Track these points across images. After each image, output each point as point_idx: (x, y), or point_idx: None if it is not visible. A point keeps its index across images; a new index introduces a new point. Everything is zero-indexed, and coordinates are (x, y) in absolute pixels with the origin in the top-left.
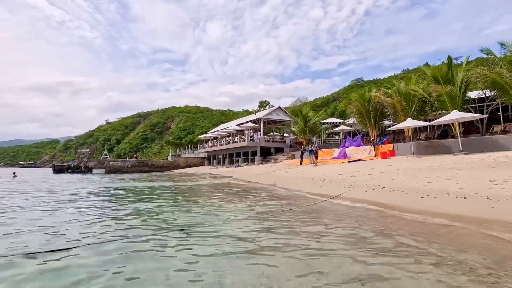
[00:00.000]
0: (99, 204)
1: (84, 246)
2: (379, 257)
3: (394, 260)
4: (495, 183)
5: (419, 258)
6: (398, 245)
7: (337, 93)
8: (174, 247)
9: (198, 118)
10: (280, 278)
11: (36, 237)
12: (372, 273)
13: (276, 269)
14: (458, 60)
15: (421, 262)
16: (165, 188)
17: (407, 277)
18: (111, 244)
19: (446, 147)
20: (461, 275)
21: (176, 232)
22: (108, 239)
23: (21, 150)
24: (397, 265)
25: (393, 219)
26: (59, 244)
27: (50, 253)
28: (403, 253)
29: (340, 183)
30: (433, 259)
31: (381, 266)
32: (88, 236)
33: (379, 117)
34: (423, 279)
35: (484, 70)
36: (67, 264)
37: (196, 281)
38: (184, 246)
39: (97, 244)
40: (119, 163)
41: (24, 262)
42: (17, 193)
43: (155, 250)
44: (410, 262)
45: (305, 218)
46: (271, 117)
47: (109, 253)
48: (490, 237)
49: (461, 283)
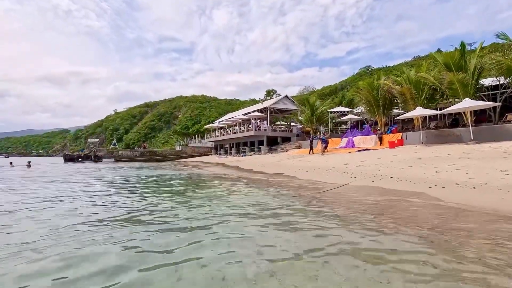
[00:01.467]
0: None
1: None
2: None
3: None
4: (506, 173)
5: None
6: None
7: (345, 82)
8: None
9: (205, 107)
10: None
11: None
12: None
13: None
14: (471, 46)
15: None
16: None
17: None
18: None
19: (457, 136)
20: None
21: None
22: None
23: (32, 140)
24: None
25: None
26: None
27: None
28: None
29: (346, 173)
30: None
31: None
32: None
33: (388, 105)
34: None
35: (498, 56)
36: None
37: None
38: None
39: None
40: (128, 153)
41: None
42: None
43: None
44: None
45: (309, 207)
46: (278, 106)
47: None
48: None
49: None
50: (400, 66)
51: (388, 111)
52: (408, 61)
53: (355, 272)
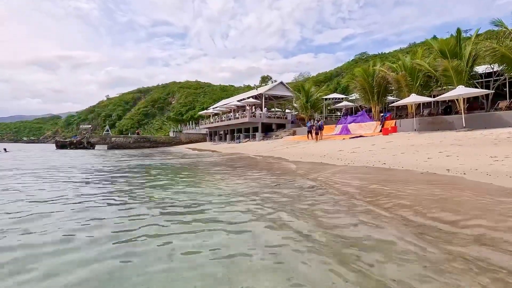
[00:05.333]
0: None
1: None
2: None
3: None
4: (496, 160)
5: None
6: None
7: (341, 68)
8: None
9: (199, 93)
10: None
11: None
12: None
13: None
14: (467, 33)
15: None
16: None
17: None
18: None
19: (449, 123)
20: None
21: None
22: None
23: (23, 126)
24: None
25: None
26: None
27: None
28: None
29: (340, 159)
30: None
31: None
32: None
33: (383, 92)
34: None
35: (493, 44)
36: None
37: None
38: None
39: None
40: (121, 139)
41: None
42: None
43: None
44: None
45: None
46: (273, 93)
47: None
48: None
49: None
50: (396, 52)
51: (383, 98)
52: (404, 48)
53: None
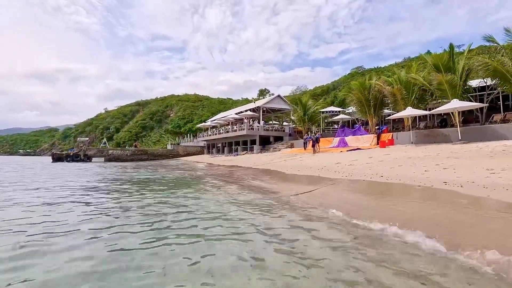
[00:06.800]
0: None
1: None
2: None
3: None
4: (492, 172)
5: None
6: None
7: (337, 82)
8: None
9: (197, 106)
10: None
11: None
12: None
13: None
14: (460, 48)
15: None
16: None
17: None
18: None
19: (445, 136)
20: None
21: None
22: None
23: (20, 139)
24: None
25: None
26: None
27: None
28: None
29: (338, 172)
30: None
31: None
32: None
33: (379, 105)
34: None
35: (485, 58)
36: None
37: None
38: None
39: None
40: (119, 152)
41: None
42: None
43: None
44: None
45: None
46: (270, 106)
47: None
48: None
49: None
50: (391, 66)
51: (379, 111)
52: (399, 62)
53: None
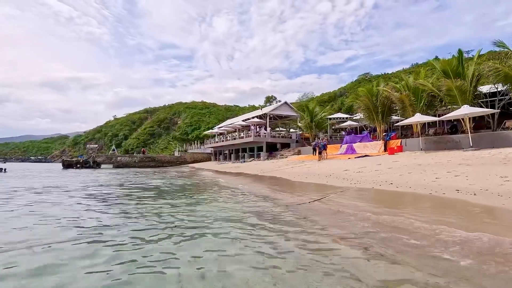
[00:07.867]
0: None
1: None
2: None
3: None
4: (506, 180)
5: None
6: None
7: (344, 88)
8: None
9: (204, 113)
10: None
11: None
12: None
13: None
14: (469, 54)
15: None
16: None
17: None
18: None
19: (456, 142)
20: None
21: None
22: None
23: (31, 146)
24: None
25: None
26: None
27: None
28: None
29: (346, 179)
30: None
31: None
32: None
33: (387, 112)
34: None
35: (496, 64)
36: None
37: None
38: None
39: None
40: (127, 158)
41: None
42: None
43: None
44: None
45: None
46: (277, 113)
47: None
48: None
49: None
50: (398, 73)
51: (387, 117)
52: (407, 68)
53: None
